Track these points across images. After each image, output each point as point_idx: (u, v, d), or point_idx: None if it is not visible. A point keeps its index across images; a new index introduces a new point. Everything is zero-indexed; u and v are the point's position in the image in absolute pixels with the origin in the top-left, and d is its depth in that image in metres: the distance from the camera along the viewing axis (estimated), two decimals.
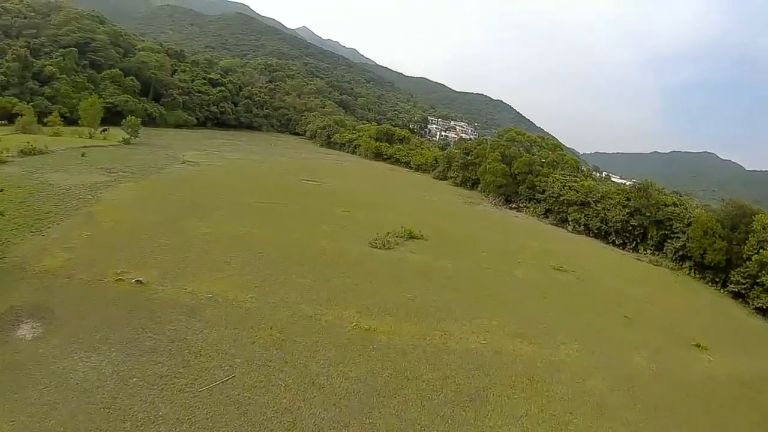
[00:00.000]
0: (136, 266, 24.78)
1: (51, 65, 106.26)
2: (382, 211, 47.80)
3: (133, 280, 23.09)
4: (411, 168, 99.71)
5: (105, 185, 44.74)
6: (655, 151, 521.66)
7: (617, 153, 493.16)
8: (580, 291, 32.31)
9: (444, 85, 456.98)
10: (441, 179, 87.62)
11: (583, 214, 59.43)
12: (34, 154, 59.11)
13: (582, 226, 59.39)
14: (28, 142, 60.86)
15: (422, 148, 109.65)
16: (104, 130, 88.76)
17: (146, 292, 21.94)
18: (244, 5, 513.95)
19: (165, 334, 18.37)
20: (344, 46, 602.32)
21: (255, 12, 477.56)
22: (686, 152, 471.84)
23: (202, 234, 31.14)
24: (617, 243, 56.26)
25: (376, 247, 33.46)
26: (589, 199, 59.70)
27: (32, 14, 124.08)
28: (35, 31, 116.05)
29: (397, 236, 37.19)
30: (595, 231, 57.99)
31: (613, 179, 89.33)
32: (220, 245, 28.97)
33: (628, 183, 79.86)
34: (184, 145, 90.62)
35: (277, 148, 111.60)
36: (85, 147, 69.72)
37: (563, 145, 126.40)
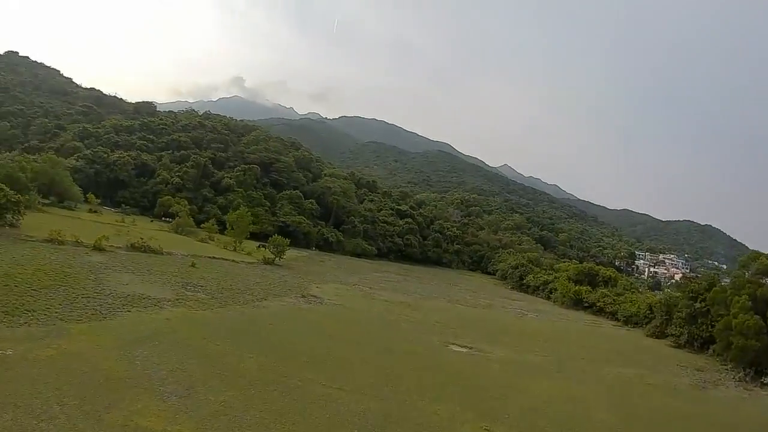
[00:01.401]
0: None
1: (230, 178, 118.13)
2: (554, 428, 26.53)
3: None
4: (618, 321, 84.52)
5: (152, 304, 37.81)
6: None
7: None
8: None
9: (648, 215, 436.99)
10: (657, 337, 71.41)
11: None
12: (143, 251, 58.07)
13: None
14: (142, 238, 60.50)
15: (632, 292, 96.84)
16: (261, 246, 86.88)
17: None
18: (447, 144, 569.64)
19: None
20: (546, 183, 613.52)
21: (457, 150, 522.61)
22: None
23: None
24: None
25: None
26: None
27: (226, 132, 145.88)
28: (223, 146, 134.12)
29: None
30: None
31: None
32: None
33: None
34: (336, 275, 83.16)
35: (453, 289, 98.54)
36: (213, 258, 67.61)
37: None
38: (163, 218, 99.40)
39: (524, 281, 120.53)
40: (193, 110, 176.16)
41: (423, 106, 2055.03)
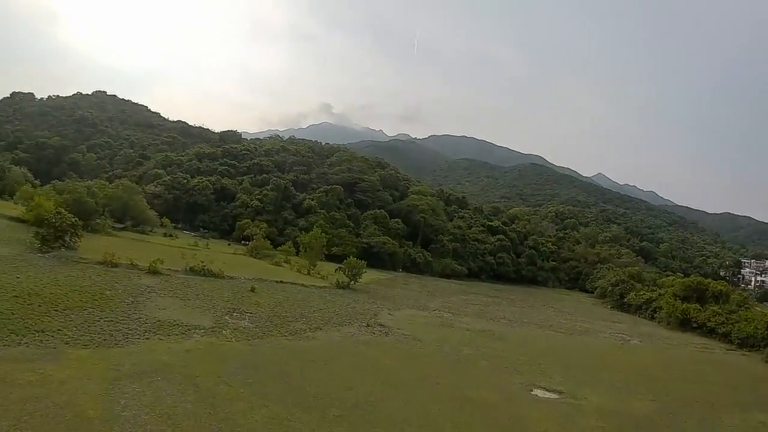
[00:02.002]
0: None
1: (311, 199, 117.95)
2: None
3: None
4: (731, 343, 75.92)
5: (180, 332, 34.94)
6: None
7: None
8: None
9: (750, 218, 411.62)
10: None
11: None
12: (202, 275, 56.23)
13: None
14: (202, 262, 58.84)
15: (746, 309, 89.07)
16: (340, 269, 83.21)
17: None
18: (539, 156, 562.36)
19: None
20: (642, 189, 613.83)
21: (549, 162, 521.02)
22: None
23: None
24: None
25: None
26: None
27: (310, 154, 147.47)
28: (306, 168, 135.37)
29: None
30: None
31: None
32: None
33: None
34: (416, 299, 77.10)
35: (547, 312, 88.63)
36: (279, 282, 64.00)
37: None
38: (242, 241, 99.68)
39: (625, 300, 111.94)
40: (279, 136, 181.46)
41: (512, 119, 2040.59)
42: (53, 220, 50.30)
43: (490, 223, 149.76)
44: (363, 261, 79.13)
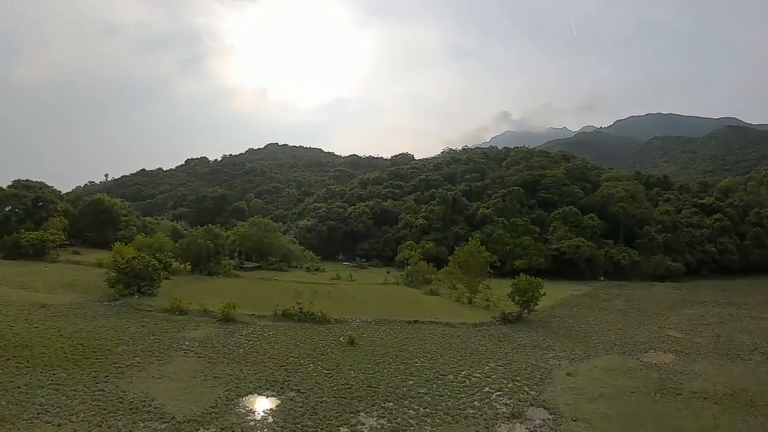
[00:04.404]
0: None
1: (486, 207, 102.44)
2: None
3: None
4: None
5: (118, 419, 23.84)
6: None
7: None
8: None
9: None
10: None
11: None
12: (297, 320, 44.75)
13: None
14: (299, 303, 46.53)
15: None
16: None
17: None
18: (733, 118, 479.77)
19: None
20: None
21: (745, 122, 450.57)
22: None
23: None
24: None
25: None
26: None
27: (484, 160, 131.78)
28: (479, 174, 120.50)
29: None
30: None
31: None
32: None
33: None
34: (618, 329, 50.24)
35: None
36: (412, 322, 46.54)
37: None
38: (406, 266, 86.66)
39: None
40: (452, 150, 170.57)
41: (694, 83, 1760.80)
42: (123, 266, 47.23)
43: (701, 201, 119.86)
44: (540, 279, 56.23)
